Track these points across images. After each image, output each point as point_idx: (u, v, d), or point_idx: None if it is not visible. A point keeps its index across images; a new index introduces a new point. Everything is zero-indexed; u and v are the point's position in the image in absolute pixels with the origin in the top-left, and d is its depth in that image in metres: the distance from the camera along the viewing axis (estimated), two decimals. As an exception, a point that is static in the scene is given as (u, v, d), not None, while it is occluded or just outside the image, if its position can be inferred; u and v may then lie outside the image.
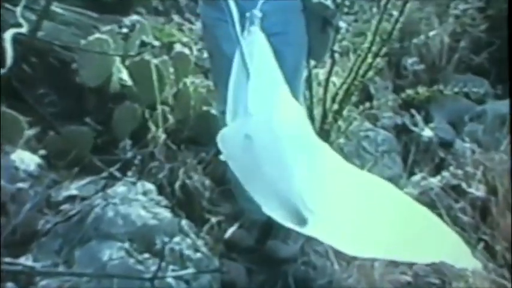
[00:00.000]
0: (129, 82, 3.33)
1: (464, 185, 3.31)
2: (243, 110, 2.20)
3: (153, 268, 2.44)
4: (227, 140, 2.21)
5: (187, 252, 2.64)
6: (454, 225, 2.96)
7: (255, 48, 2.24)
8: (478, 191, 3.26)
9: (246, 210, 2.96)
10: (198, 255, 2.67)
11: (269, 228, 2.92)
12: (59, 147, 2.99)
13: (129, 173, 2.98)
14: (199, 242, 2.75)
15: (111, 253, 2.48)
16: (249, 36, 2.26)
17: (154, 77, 3.24)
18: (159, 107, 3.22)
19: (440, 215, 2.99)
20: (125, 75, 3.33)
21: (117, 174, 3.06)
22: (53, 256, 2.46)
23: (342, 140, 3.52)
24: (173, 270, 2.50)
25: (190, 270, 2.54)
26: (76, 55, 3.25)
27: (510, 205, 3.02)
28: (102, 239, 2.53)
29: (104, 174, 3.05)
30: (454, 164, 3.60)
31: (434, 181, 3.39)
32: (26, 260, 2.44)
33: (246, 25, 2.27)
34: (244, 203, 2.94)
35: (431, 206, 3.12)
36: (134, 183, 2.85)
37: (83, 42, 3.23)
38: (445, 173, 3.45)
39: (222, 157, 3.20)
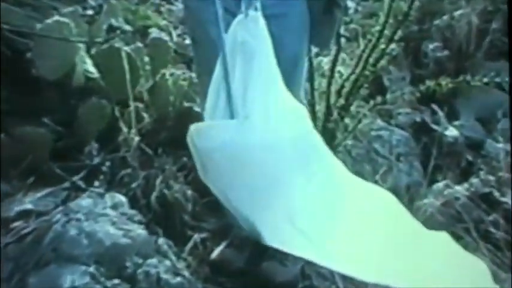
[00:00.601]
0: (96, 74, 3.32)
1: (496, 194, 3.33)
2: (229, 109, 2.20)
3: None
4: (205, 138, 2.21)
5: (166, 276, 2.63)
6: (485, 241, 2.97)
7: (252, 37, 2.24)
8: (513, 200, 3.27)
9: (236, 226, 2.95)
10: (179, 279, 2.66)
11: (264, 247, 2.88)
12: (10, 153, 2.96)
13: (96, 183, 2.98)
14: (180, 265, 2.74)
15: (74, 279, 2.46)
16: (246, 21, 2.25)
17: (126, 68, 3.22)
18: (132, 104, 3.22)
19: (467, 230, 3.01)
20: (90, 66, 3.31)
21: (82, 184, 3.04)
22: (1, 284, 2.43)
23: (349, 141, 3.53)
24: (148, 299, 2.48)
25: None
26: (31, 42, 3.23)
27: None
28: (63, 263, 2.51)
29: (66, 184, 3.01)
30: (485, 169, 3.62)
31: (461, 189, 3.41)
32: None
33: (243, 5, 2.26)
34: (235, 217, 2.94)
35: (457, 219, 3.14)
36: (102, 195, 2.85)
37: (39, 26, 3.20)
38: (473, 180, 3.47)
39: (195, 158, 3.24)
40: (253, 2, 2.25)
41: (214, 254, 2.94)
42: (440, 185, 3.48)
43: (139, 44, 3.48)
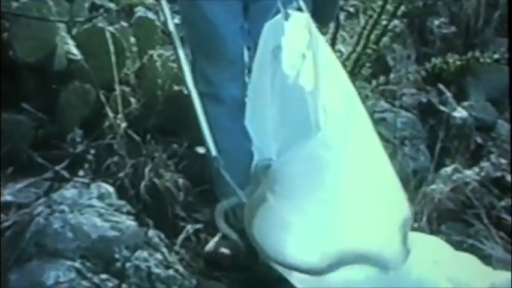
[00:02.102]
0: (79, 56, 3.31)
1: (509, 178, 3.33)
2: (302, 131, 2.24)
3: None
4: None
5: (157, 270, 2.61)
6: (497, 228, 2.97)
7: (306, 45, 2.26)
8: (527, 184, 3.27)
9: (232, 217, 2.95)
10: (171, 273, 2.64)
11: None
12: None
13: (81, 172, 2.99)
14: (172, 258, 2.73)
15: (58, 275, 2.44)
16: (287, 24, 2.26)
17: (111, 49, 3.22)
18: (118, 88, 3.21)
19: (478, 216, 3.00)
20: (72, 47, 3.30)
21: (65, 174, 3.04)
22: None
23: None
24: (138, 294, 2.48)
25: (159, 291, 2.51)
26: (7, 22, 3.22)
27: None
28: (46, 258, 2.48)
29: (48, 174, 3.02)
30: (496, 152, 3.62)
31: (471, 174, 3.41)
32: None
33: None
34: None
35: (468, 205, 3.14)
36: (87, 185, 2.84)
37: (15, 5, 3.20)
38: (484, 164, 3.48)
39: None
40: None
41: (209, 246, 2.95)
42: (448, 169, 3.47)
43: (125, 24, 3.48)
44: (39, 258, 2.48)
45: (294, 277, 2.36)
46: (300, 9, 2.31)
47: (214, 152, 2.48)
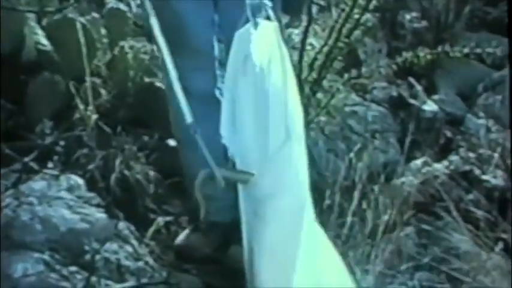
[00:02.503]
0: (48, 47, 3.30)
1: (477, 172, 3.37)
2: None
3: (82, 285, 2.43)
4: None
5: (127, 262, 2.63)
6: (466, 221, 3.00)
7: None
8: (495, 178, 3.31)
9: (203, 209, 2.95)
10: (141, 266, 2.66)
11: (233, 231, 2.90)
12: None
13: (50, 164, 2.97)
14: (143, 250, 2.75)
15: (26, 267, 2.44)
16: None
17: (82, 40, 3.19)
18: (89, 79, 3.19)
19: (447, 210, 3.02)
20: (42, 38, 3.29)
21: (34, 165, 3.01)
22: None
23: (322, 118, 3.53)
24: (107, 286, 2.48)
25: (128, 284, 2.51)
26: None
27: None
28: (14, 250, 2.49)
29: (16, 166, 2.99)
30: (465, 146, 3.65)
31: (440, 167, 3.44)
32: None
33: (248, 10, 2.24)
34: (202, 199, 2.94)
35: (437, 198, 3.17)
36: (56, 177, 2.83)
37: (-18, -6, 3.18)
38: (453, 157, 3.50)
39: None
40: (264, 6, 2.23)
41: (180, 238, 2.96)
42: (418, 162, 3.50)
43: (96, 15, 3.48)
44: (7, 250, 2.49)
45: None
46: (268, 17, 2.32)
47: (189, 118, 2.47)
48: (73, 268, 2.50)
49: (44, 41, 3.27)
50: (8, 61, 3.20)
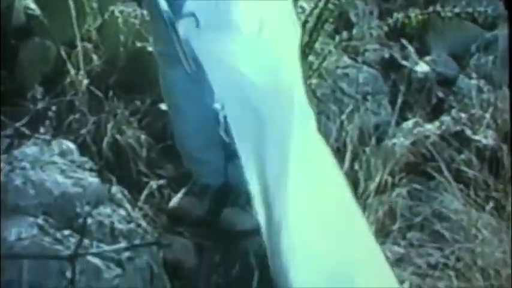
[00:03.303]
0: (38, 12, 3.28)
1: (469, 132, 3.38)
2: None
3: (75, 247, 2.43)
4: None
5: (121, 226, 2.62)
6: (457, 181, 3.01)
7: None
8: (486, 138, 3.32)
9: (195, 173, 2.96)
10: (135, 229, 2.65)
11: (225, 194, 2.92)
12: None
13: (42, 129, 2.96)
14: (136, 214, 2.74)
15: (20, 231, 2.44)
16: None
17: (72, 4, 3.18)
18: (80, 44, 3.19)
19: (438, 170, 3.03)
20: (31, 2, 3.27)
21: (26, 130, 3.02)
22: None
23: (314, 80, 3.52)
24: (100, 248, 2.48)
25: (121, 245, 2.52)
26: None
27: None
28: (8, 214, 2.48)
29: (8, 131, 3.00)
30: (457, 106, 3.66)
31: (431, 128, 3.45)
32: None
33: None
34: (193, 164, 2.95)
35: (428, 158, 3.17)
36: (49, 142, 2.81)
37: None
38: (444, 118, 3.51)
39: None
40: None
41: (172, 202, 2.97)
42: (409, 123, 3.51)
43: (85, -22, 3.44)
44: (1, 215, 2.48)
45: None
46: None
47: None
48: (67, 232, 2.48)
49: (33, 5, 3.24)
50: (-3, 26, 3.20)
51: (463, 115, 3.47)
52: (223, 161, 2.81)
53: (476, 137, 3.32)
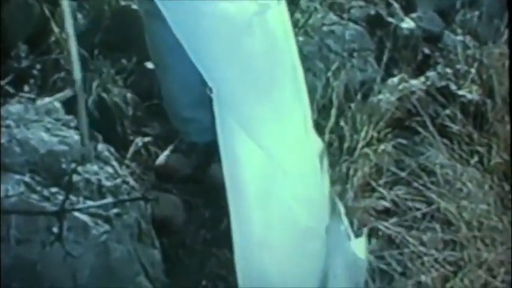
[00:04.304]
0: (22, -31, 3.23)
1: (453, 87, 3.40)
2: None
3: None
4: None
5: (108, 183, 2.62)
6: (442, 136, 3.03)
7: None
8: (471, 93, 3.35)
9: (182, 131, 2.97)
10: (122, 186, 2.65)
11: (212, 151, 2.92)
12: None
13: (26, 88, 2.95)
14: (123, 171, 2.74)
15: (7, 188, 2.43)
16: None
17: (55, -39, 3.15)
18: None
19: (423, 125, 3.05)
20: (15, -41, 3.22)
21: (10, 89, 2.99)
22: None
23: (300, 38, 3.52)
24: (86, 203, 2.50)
25: (107, 200, 2.53)
26: None
27: (510, 109, 3.08)
28: (-5, 172, 2.50)
29: (-7, 89, 2.99)
30: (442, 62, 3.68)
31: (417, 83, 3.47)
32: None
33: None
34: (180, 122, 2.96)
35: (413, 113, 3.19)
36: (33, 100, 2.82)
37: None
38: (430, 73, 3.53)
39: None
40: None
41: (159, 160, 2.98)
42: (395, 79, 3.53)
43: None
44: (-8, 174, 2.50)
45: None
46: None
47: None
48: (54, 189, 2.48)
49: (15, -38, 3.23)
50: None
51: (448, 70, 3.49)
52: (210, 118, 2.81)
53: (461, 92, 3.34)
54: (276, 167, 2.30)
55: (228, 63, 2.26)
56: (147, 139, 3.05)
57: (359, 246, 2.50)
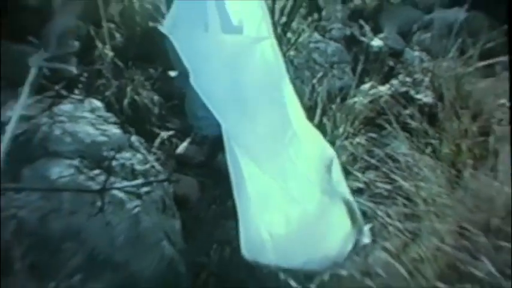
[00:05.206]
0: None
1: (412, 92, 3.38)
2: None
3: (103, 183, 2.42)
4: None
5: (139, 167, 2.61)
6: (403, 130, 3.01)
7: None
8: (425, 97, 3.33)
9: (195, 126, 2.96)
10: (150, 169, 2.64)
11: (220, 142, 2.91)
12: (1, 68, 2.89)
13: (76, 91, 2.92)
14: (151, 157, 2.72)
15: (61, 171, 2.43)
16: None
17: (99, -7, 3.12)
18: (105, 25, 3.13)
19: (389, 122, 3.03)
20: (67, -8, 3.19)
21: (64, 92, 2.96)
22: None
23: (292, 53, 3.51)
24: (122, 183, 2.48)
25: (139, 181, 2.51)
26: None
27: (456, 110, 3.06)
28: (51, 158, 2.47)
29: (50, 92, 2.93)
30: (403, 72, 3.66)
31: (384, 89, 3.44)
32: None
33: None
34: (194, 119, 2.94)
35: (381, 113, 3.17)
36: (81, 101, 2.79)
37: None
38: (394, 81, 3.52)
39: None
40: None
41: (179, 149, 2.97)
42: (366, 86, 3.50)
43: (109, -27, 3.38)
44: (45, 158, 2.47)
45: None
46: None
47: None
48: (97, 171, 2.48)
49: (68, -6, 3.20)
50: (41, 12, 3.12)
51: (408, 79, 3.47)
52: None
53: (418, 96, 3.32)
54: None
55: (231, 104, 2.25)
56: (169, 133, 3.02)
57: None
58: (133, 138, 2.73)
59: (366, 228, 2.47)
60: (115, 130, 2.68)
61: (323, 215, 2.38)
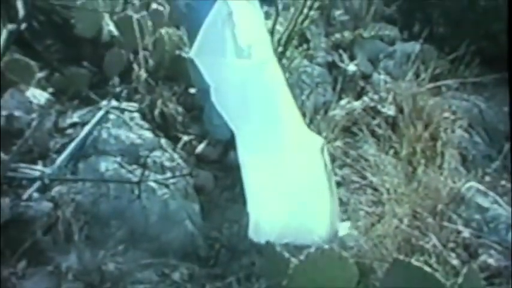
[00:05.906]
0: (116, 33, 3.24)
1: (379, 106, 3.39)
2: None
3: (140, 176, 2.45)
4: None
5: (167, 163, 2.64)
6: (372, 136, 3.03)
7: None
8: (389, 110, 3.34)
9: (211, 131, 2.97)
10: (175, 165, 2.67)
11: (230, 144, 2.93)
12: (63, 85, 2.94)
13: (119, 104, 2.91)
14: (176, 156, 2.74)
15: (107, 165, 2.47)
16: None
17: (136, 28, 3.15)
18: (141, 52, 3.15)
19: (361, 130, 3.05)
20: (112, 27, 3.23)
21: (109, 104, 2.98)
22: (61, 168, 2.45)
23: (286, 75, 3.51)
24: (155, 176, 2.51)
25: (168, 175, 2.54)
26: (74, 13, 3.12)
27: (413, 120, 3.08)
28: (99, 155, 2.52)
29: (99, 105, 2.98)
30: (372, 91, 3.66)
31: (357, 104, 3.45)
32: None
33: None
34: (209, 126, 2.95)
35: (355, 123, 3.18)
36: (122, 111, 2.81)
37: (79, 2, 3.12)
38: (365, 98, 3.52)
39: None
40: None
41: (198, 149, 2.97)
42: (344, 101, 3.51)
43: (144, 13, 3.38)
44: (95, 155, 2.52)
45: None
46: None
47: None
48: (135, 166, 2.53)
49: (113, 29, 3.23)
50: (93, 41, 3.17)
51: (375, 97, 3.47)
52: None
53: (384, 110, 3.33)
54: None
55: (242, 115, 2.29)
56: (191, 137, 3.02)
57: None
58: (163, 141, 2.76)
59: (345, 224, 2.48)
60: (148, 134, 2.71)
61: (316, 201, 2.41)
